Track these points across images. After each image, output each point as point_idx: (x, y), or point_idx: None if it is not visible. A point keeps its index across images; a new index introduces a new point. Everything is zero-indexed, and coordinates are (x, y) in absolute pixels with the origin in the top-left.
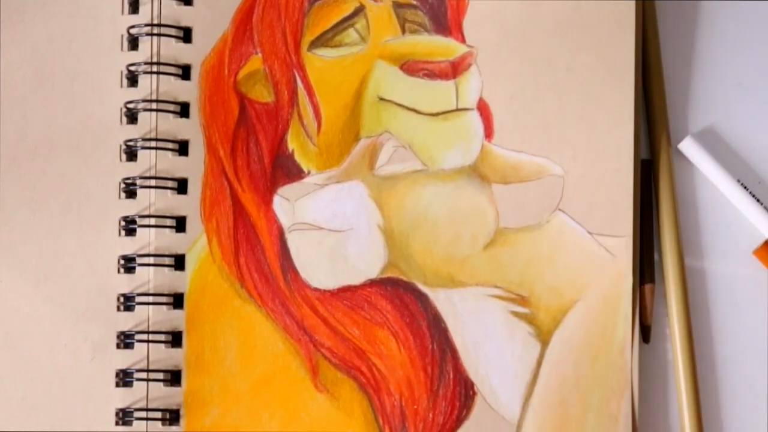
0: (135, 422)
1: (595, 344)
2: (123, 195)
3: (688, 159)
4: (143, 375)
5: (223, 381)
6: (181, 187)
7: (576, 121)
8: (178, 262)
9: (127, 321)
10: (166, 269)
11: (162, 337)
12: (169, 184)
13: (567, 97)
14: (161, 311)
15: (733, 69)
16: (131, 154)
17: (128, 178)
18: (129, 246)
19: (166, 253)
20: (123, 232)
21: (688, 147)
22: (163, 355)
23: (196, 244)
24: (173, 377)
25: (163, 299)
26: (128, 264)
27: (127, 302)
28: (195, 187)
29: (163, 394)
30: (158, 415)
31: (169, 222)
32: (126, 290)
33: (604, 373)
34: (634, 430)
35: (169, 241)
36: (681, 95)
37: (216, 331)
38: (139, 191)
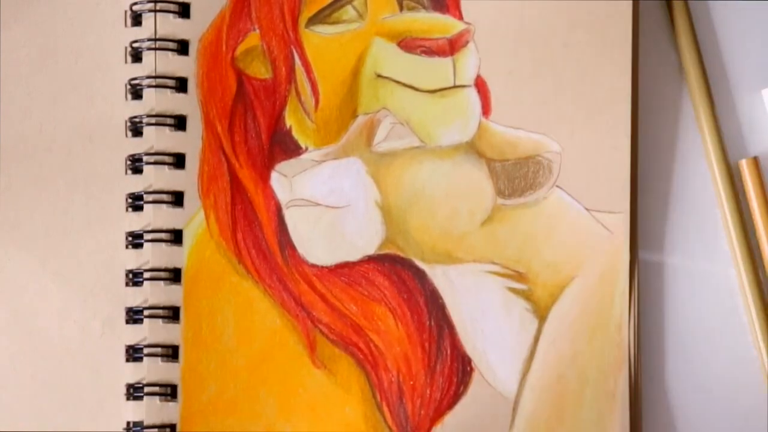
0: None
1: (593, 320)
2: (129, 171)
3: None
4: (148, 350)
5: (221, 357)
6: (179, 162)
7: (573, 98)
8: (176, 238)
9: (136, 297)
10: (164, 245)
11: (161, 313)
12: (168, 159)
13: (564, 74)
14: (159, 287)
15: None
16: (136, 131)
17: (134, 155)
18: (135, 222)
19: (164, 228)
20: (130, 209)
21: None
22: (162, 331)
23: (193, 219)
24: (172, 353)
25: (162, 275)
26: (135, 240)
27: (135, 278)
28: (193, 162)
29: (161, 370)
30: (158, 390)
31: (167, 197)
32: (133, 266)
33: (601, 349)
34: (635, 407)
35: (166, 216)
36: None
37: (213, 306)
38: (145, 168)
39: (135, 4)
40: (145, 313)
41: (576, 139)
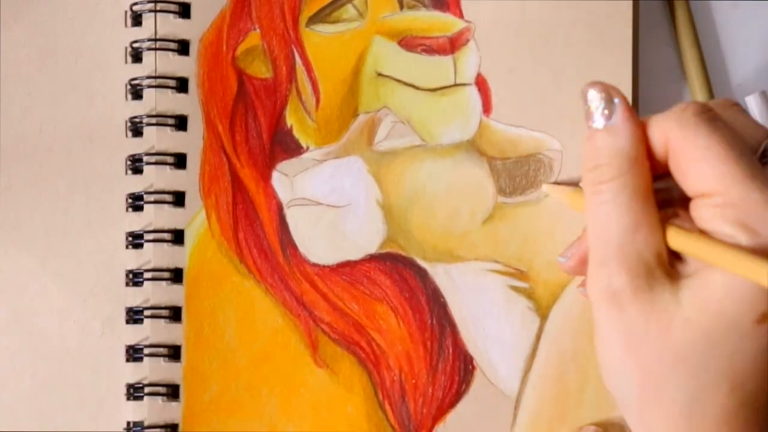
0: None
1: (594, 318)
2: (129, 171)
3: None
4: (148, 351)
5: (223, 357)
6: (180, 162)
7: (574, 96)
8: (177, 238)
9: (136, 297)
10: (165, 245)
11: (163, 313)
12: (169, 159)
13: (565, 71)
14: (161, 287)
15: None
16: (136, 131)
17: (134, 155)
18: (135, 222)
19: (165, 228)
20: (130, 209)
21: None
22: (163, 331)
23: (195, 219)
24: (173, 353)
25: (164, 275)
26: (135, 240)
27: (135, 278)
28: (194, 162)
29: (163, 370)
30: (160, 390)
31: (168, 197)
32: (133, 266)
33: None
34: None
35: (168, 216)
36: None
37: (215, 306)
38: (145, 168)
39: (135, 4)
40: (147, 313)
41: (577, 137)
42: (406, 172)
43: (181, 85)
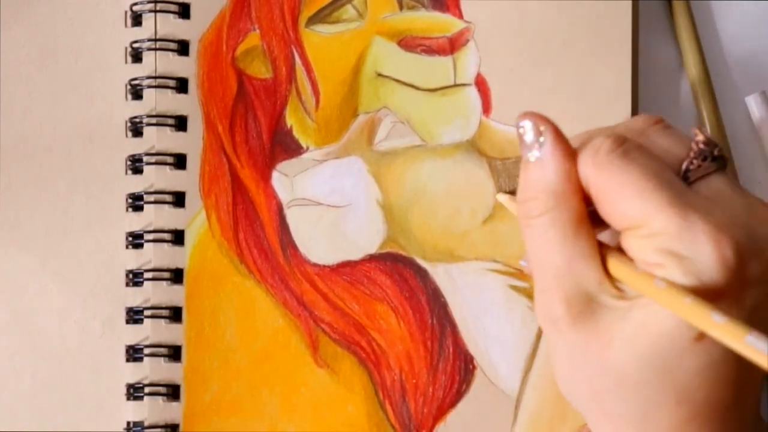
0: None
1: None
2: (129, 171)
3: None
4: (148, 351)
5: (223, 357)
6: (180, 162)
7: (573, 96)
8: (177, 238)
9: (136, 297)
10: (165, 245)
11: (164, 313)
12: (169, 159)
13: (565, 71)
14: (161, 287)
15: None
16: (136, 131)
17: (134, 155)
18: (135, 222)
19: (165, 228)
20: (130, 209)
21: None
22: (164, 331)
23: (195, 220)
24: (174, 353)
25: (164, 275)
26: (135, 240)
27: (135, 278)
28: (194, 162)
29: (163, 370)
30: (161, 390)
31: (168, 198)
32: (133, 266)
33: None
34: None
35: (168, 216)
36: None
37: (216, 306)
38: (145, 168)
39: (135, 4)
40: (147, 313)
41: None
42: (406, 172)
43: (181, 85)
